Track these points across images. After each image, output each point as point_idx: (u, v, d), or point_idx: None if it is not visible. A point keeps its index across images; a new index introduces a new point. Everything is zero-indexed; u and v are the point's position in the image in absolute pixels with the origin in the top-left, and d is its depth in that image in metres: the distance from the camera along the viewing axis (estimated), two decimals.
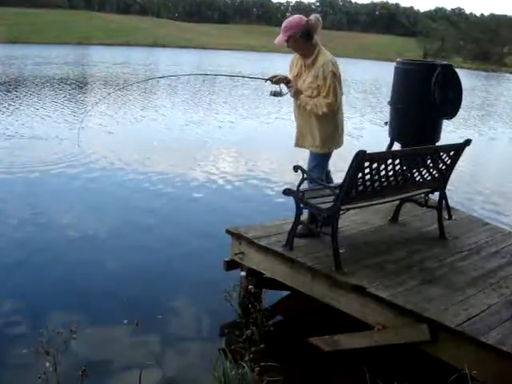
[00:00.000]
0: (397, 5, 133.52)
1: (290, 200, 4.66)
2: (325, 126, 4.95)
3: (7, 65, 36.81)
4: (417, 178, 4.86)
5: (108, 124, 14.73)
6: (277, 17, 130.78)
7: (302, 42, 4.82)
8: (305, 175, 4.50)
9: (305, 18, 4.89)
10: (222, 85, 29.12)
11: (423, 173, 4.89)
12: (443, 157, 4.95)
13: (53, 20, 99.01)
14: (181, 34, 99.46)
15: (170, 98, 22.25)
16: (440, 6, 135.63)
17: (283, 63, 5.30)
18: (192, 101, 21.78)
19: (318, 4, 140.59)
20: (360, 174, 4.18)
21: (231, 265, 5.14)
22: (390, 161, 4.36)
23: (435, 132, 6.09)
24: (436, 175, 5.03)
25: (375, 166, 4.24)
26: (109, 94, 18.73)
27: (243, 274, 5.04)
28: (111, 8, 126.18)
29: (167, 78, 29.91)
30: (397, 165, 4.47)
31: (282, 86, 5.16)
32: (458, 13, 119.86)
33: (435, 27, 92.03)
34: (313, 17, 4.88)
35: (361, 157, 4.00)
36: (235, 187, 9.37)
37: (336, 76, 4.73)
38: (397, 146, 6.26)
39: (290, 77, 5.10)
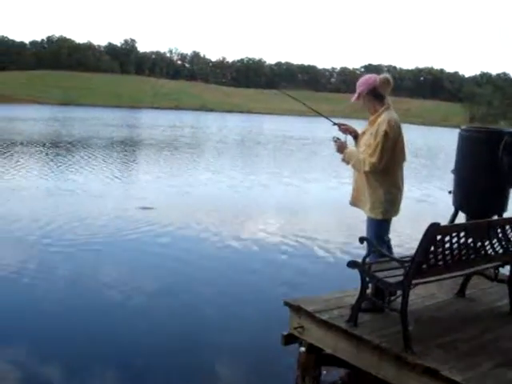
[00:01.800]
0: (441, 70, 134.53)
1: (351, 271, 4.43)
2: (377, 189, 4.74)
3: (66, 125, 38.32)
4: (488, 252, 4.59)
5: (179, 185, 15.04)
6: (322, 82, 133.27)
7: (369, 100, 4.78)
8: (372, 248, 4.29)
9: (374, 77, 4.85)
10: (278, 147, 29.40)
11: (495, 246, 4.61)
12: None
13: (105, 84, 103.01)
14: (228, 99, 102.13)
15: (228, 160, 22.68)
16: (485, 70, 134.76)
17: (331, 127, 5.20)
18: (252, 162, 22.07)
19: (362, 70, 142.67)
20: (432, 248, 3.95)
21: (289, 339, 4.88)
22: (462, 233, 4.12)
23: (503, 202, 5.83)
24: (508, 248, 4.74)
25: (447, 239, 4.01)
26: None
27: (303, 349, 4.77)
28: (161, 73, 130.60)
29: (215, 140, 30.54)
30: (469, 237, 4.23)
31: (349, 137, 5.07)
32: (504, 77, 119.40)
33: (481, 92, 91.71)
34: (381, 76, 4.82)
35: (434, 229, 3.78)
36: (296, 253, 9.15)
37: (388, 136, 4.55)
38: (461, 216, 6.01)
39: (359, 132, 5.00)
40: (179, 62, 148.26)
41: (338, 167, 19.42)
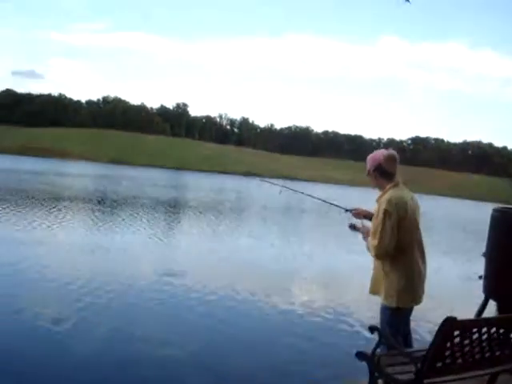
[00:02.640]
0: (490, 144, 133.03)
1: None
2: (390, 274, 4.36)
3: (113, 183, 39.12)
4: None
5: (219, 249, 14.87)
6: (368, 152, 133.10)
7: (376, 177, 4.53)
8: (382, 338, 3.85)
9: (380, 153, 4.57)
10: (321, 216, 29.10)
11: None
12: None
13: (155, 145, 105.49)
14: (273, 165, 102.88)
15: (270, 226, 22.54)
16: None
17: (367, 197, 4.88)
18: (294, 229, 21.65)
19: (409, 142, 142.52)
20: (448, 344, 3.50)
21: None
22: (485, 329, 3.66)
23: None
24: None
25: (467, 335, 3.55)
26: None
27: None
28: (210, 137, 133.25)
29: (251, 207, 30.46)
30: (494, 333, 3.75)
31: (364, 221, 4.77)
32: None
33: None
34: (386, 152, 4.53)
35: (449, 324, 3.35)
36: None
37: (388, 215, 4.23)
38: (492, 305, 5.49)
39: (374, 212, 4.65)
40: (228, 127, 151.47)
41: None
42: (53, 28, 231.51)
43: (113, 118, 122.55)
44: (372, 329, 3.90)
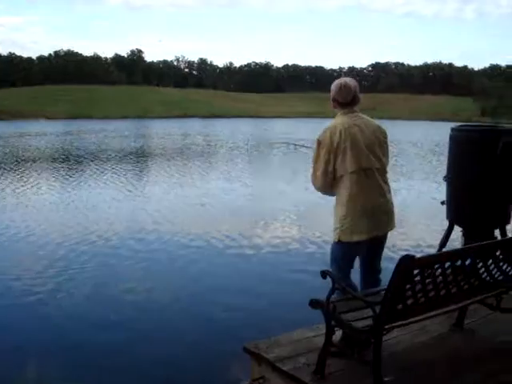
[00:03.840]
0: (450, 65, 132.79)
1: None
2: (335, 207, 4.17)
3: (75, 139, 37.97)
4: (486, 279, 3.75)
5: (197, 195, 14.63)
6: (330, 83, 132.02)
7: (334, 106, 4.29)
8: (336, 284, 3.45)
9: (334, 83, 4.29)
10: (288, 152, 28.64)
11: (493, 272, 3.77)
12: None
13: (112, 96, 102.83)
14: (236, 105, 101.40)
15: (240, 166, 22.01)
16: (494, 63, 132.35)
17: None
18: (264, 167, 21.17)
19: (370, 69, 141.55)
20: (408, 285, 3.12)
21: None
22: (448, 263, 3.29)
23: (504, 212, 4.96)
24: (511, 273, 3.91)
25: (429, 272, 3.18)
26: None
27: None
28: (169, 82, 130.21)
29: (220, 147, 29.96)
30: (458, 266, 3.39)
31: None
32: None
33: (492, 85, 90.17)
34: (335, 82, 4.28)
35: (408, 264, 2.95)
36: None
37: (318, 144, 4.12)
38: (458, 230, 5.16)
39: None
40: (186, 70, 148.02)
41: None
42: None
43: (66, 72, 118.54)
44: (324, 273, 3.50)
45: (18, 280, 7.50)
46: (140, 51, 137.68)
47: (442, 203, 5.19)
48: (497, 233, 5.06)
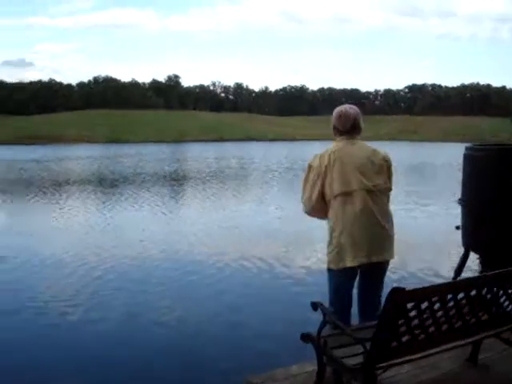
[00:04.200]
0: (488, 86, 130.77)
1: None
2: (329, 232, 4.04)
3: (112, 163, 38.47)
4: (499, 311, 3.42)
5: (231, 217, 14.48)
6: (366, 105, 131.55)
7: (334, 134, 4.19)
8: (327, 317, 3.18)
9: (334, 111, 4.20)
10: None
11: (506, 303, 3.44)
12: None
13: (150, 120, 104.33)
14: (272, 128, 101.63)
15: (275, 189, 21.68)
16: None
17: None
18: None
19: (406, 91, 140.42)
20: (402, 321, 2.83)
21: None
22: (451, 295, 2.99)
23: None
24: None
25: (426, 305, 2.88)
26: None
27: None
28: (205, 106, 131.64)
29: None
30: (463, 299, 3.08)
31: None
32: None
33: None
34: (336, 109, 4.18)
35: (399, 297, 2.67)
36: None
37: (309, 168, 4.06)
38: (474, 257, 4.82)
39: None
40: (222, 95, 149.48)
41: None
42: (36, 14, 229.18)
43: (105, 97, 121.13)
44: (315, 305, 3.24)
45: (51, 302, 7.35)
46: (177, 76, 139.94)
47: (457, 228, 4.87)
48: None
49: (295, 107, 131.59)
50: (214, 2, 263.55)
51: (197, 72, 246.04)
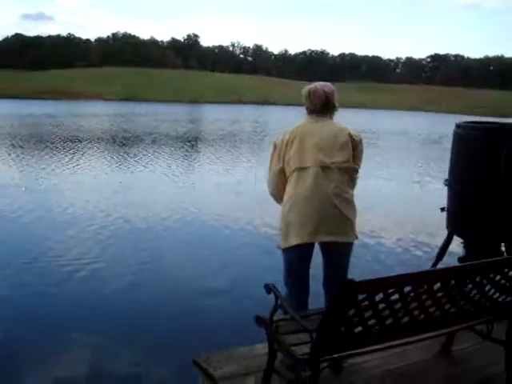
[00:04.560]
0: None
1: None
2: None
3: (126, 121, 38.35)
4: (466, 306, 3.20)
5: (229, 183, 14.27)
6: (387, 73, 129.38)
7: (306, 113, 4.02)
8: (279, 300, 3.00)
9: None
10: None
11: (476, 298, 3.22)
12: None
13: (168, 79, 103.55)
14: (290, 92, 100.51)
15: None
16: None
17: (394, 120, 4.11)
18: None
19: (428, 60, 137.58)
20: (353, 311, 2.63)
21: None
22: (409, 287, 2.77)
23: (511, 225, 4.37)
24: (502, 298, 3.35)
25: (381, 296, 2.68)
26: None
27: None
28: (223, 67, 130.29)
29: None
30: (426, 291, 2.87)
31: None
32: None
33: None
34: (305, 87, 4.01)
35: (350, 290, 2.46)
36: None
37: (274, 148, 3.92)
38: (457, 241, 4.60)
39: None
40: (241, 56, 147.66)
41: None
42: None
43: (123, 54, 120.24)
44: (267, 288, 3.06)
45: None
46: (196, 35, 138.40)
47: (442, 210, 4.63)
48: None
49: (315, 72, 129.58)
50: None
51: (216, 32, 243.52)
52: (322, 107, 3.80)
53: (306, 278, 3.81)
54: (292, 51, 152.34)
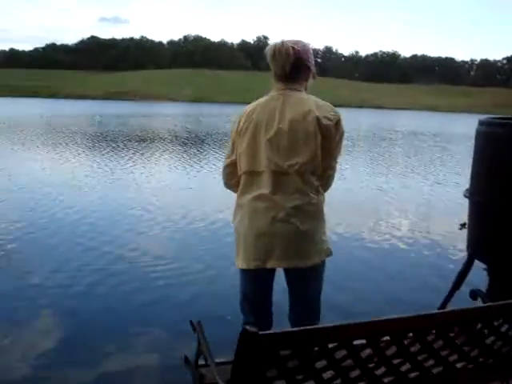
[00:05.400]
0: None
1: None
2: None
3: (193, 122, 38.69)
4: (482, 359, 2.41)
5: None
6: (461, 75, 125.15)
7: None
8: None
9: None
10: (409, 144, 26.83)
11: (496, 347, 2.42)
12: None
13: (237, 81, 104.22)
14: (359, 94, 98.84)
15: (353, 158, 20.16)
16: None
17: (466, 125, 3.32)
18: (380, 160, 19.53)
19: (504, 62, 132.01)
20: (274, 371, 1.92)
21: None
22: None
23: None
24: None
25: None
26: None
27: None
28: None
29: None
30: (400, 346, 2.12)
31: None
32: None
33: None
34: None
35: (250, 342, 1.76)
36: None
37: (231, 132, 2.99)
38: (478, 266, 3.76)
39: None
40: None
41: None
42: None
43: (194, 56, 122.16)
44: (192, 326, 2.39)
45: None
46: (266, 37, 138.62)
47: (462, 227, 3.80)
48: None
49: (386, 74, 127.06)
50: None
51: (286, 34, 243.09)
52: (292, 70, 2.85)
53: (265, 305, 3.03)
54: (363, 53, 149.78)
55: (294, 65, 2.82)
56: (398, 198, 11.99)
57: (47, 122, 33.27)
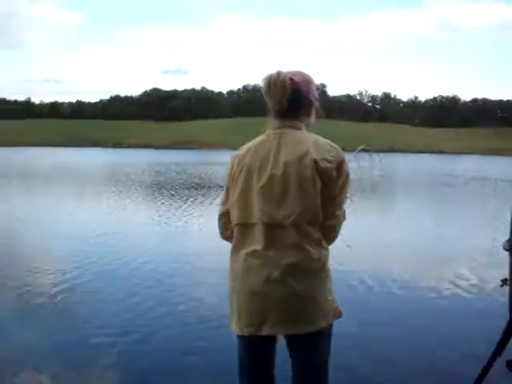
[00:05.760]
0: None
1: None
2: None
3: None
4: None
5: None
6: None
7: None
8: None
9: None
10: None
11: None
12: None
13: None
14: (418, 139, 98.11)
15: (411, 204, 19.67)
16: None
17: None
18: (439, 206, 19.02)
19: None
20: None
21: None
22: None
23: None
24: None
25: None
26: None
27: None
28: (351, 116, 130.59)
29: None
30: None
31: None
32: None
33: None
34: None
35: None
36: None
37: (227, 176, 2.65)
38: None
39: None
40: (369, 104, 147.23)
41: None
42: (195, 26, 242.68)
43: (252, 105, 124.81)
44: None
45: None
46: (324, 85, 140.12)
47: (503, 283, 3.94)
48: None
49: (446, 118, 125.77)
50: (366, 10, 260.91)
51: (344, 81, 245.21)
52: (290, 105, 2.47)
53: (264, 373, 2.65)
54: (422, 98, 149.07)
55: (292, 98, 2.46)
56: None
57: (113, 171, 34.68)
